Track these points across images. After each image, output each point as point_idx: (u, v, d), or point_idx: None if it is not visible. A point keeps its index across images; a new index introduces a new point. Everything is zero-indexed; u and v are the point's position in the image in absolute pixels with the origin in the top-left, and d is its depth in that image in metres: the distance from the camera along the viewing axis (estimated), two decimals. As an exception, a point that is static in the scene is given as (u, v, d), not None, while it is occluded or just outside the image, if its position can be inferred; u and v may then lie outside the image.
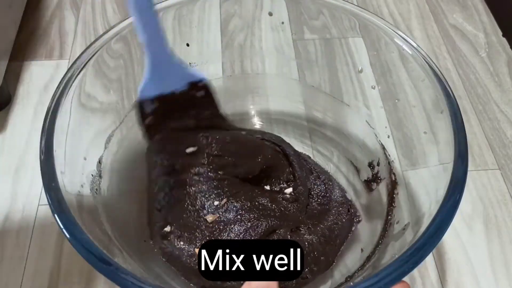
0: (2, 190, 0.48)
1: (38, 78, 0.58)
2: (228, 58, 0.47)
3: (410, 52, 0.37)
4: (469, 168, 0.48)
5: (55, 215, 0.27)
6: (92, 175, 0.36)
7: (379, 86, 0.43)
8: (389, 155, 0.42)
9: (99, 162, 0.38)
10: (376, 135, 0.43)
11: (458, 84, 0.58)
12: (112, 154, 0.40)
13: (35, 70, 0.59)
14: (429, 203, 0.31)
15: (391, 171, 0.41)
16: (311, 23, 0.45)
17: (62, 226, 0.27)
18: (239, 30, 0.47)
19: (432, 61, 0.35)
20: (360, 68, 0.44)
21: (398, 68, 0.39)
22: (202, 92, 0.37)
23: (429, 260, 0.43)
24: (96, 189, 0.36)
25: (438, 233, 0.27)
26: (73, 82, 0.34)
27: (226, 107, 0.50)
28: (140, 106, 0.35)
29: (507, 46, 0.62)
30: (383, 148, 0.43)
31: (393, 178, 0.41)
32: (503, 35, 0.63)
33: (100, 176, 0.37)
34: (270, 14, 0.45)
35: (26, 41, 0.63)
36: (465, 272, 0.43)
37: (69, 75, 0.34)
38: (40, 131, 0.32)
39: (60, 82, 0.33)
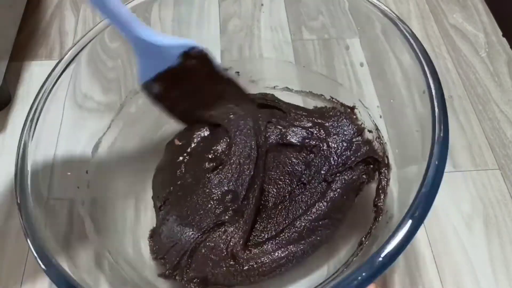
0: (2, 190, 0.48)
1: (38, 78, 0.58)
2: (228, 57, 0.47)
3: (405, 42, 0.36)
4: (469, 168, 0.49)
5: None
6: (78, 187, 0.36)
7: (375, 85, 0.43)
8: (382, 136, 0.42)
9: (86, 172, 0.38)
10: (370, 115, 0.43)
11: (458, 84, 0.57)
12: (97, 162, 0.40)
13: (35, 70, 0.59)
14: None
15: (384, 153, 0.41)
16: (310, 23, 0.45)
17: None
18: (239, 30, 0.47)
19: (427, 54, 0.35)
20: (361, 63, 0.43)
21: (393, 68, 0.39)
22: (194, 60, 0.37)
23: (429, 260, 0.43)
24: (83, 202, 0.36)
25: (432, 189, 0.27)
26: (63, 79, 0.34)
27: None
28: (146, 89, 0.38)
29: (507, 46, 0.62)
30: (377, 128, 0.42)
31: (386, 161, 0.40)
32: (503, 35, 0.63)
33: (88, 187, 0.37)
34: (261, 4, 0.44)
35: (26, 41, 0.63)
36: (465, 272, 0.43)
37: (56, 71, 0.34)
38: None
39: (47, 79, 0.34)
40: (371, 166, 0.42)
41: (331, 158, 0.42)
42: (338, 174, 0.41)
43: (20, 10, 0.63)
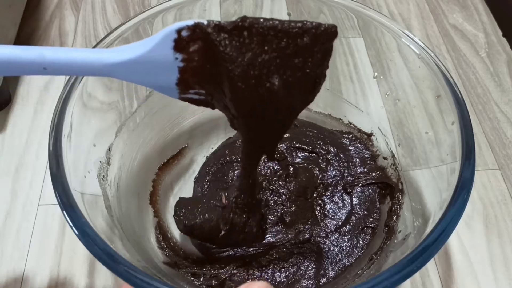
0: (2, 190, 0.48)
1: (38, 78, 0.58)
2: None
3: (417, 52, 0.36)
4: (469, 168, 0.49)
5: (64, 212, 0.27)
6: (100, 161, 0.37)
7: (380, 86, 0.43)
8: (398, 163, 0.42)
9: (109, 149, 0.38)
10: (387, 143, 0.43)
11: (458, 84, 0.57)
12: (122, 142, 0.40)
13: (35, 70, 0.59)
14: (434, 205, 0.31)
15: (399, 179, 0.41)
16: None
17: (70, 223, 0.27)
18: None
19: (439, 60, 0.35)
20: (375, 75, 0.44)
21: (399, 67, 0.39)
22: (197, 45, 0.26)
23: (429, 261, 0.43)
24: (103, 176, 0.36)
25: (447, 230, 0.26)
26: (78, 84, 0.34)
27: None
28: (187, 100, 0.29)
29: (507, 46, 0.62)
30: (393, 156, 0.43)
31: (400, 187, 0.41)
32: (503, 35, 0.63)
33: (108, 164, 0.38)
34: (289, 14, 0.45)
35: (26, 41, 0.63)
36: (465, 272, 0.43)
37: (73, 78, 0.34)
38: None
39: (66, 86, 0.33)
40: (383, 191, 0.43)
41: (345, 172, 0.44)
42: (354, 187, 0.43)
43: (20, 10, 0.62)
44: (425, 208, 0.34)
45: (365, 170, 0.44)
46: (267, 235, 0.40)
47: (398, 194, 0.40)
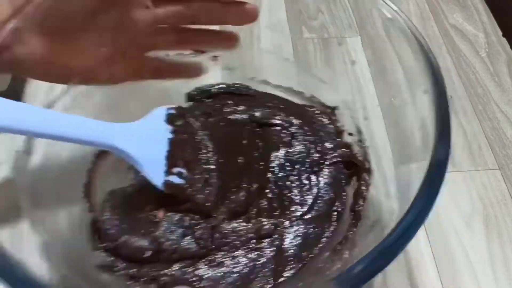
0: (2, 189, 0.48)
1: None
2: (228, 56, 0.47)
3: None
4: (469, 168, 0.49)
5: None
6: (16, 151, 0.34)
7: (375, 84, 0.43)
8: (365, 139, 0.40)
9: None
10: (352, 117, 0.41)
11: (458, 84, 0.57)
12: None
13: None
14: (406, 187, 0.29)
15: (365, 157, 0.40)
16: (310, 22, 0.45)
17: None
18: (238, 29, 0.47)
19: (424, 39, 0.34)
20: (352, 60, 0.42)
21: (395, 66, 0.39)
22: (180, 121, 0.36)
23: (429, 260, 0.43)
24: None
25: (418, 217, 0.24)
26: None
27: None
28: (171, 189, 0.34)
29: (507, 46, 0.62)
30: (359, 131, 0.41)
31: (367, 166, 0.39)
32: (503, 35, 0.63)
33: (28, 154, 0.34)
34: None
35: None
36: (465, 272, 0.42)
37: None
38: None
39: None
40: (349, 171, 0.40)
41: (311, 147, 0.40)
42: (321, 165, 0.39)
43: (21, 11, 0.63)
44: (397, 190, 0.32)
45: (331, 146, 0.40)
46: (223, 230, 0.36)
47: (364, 174, 0.38)
